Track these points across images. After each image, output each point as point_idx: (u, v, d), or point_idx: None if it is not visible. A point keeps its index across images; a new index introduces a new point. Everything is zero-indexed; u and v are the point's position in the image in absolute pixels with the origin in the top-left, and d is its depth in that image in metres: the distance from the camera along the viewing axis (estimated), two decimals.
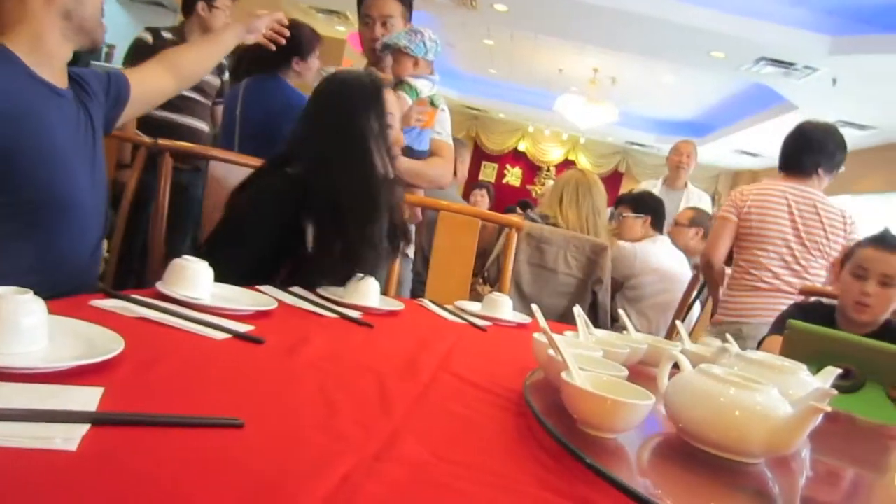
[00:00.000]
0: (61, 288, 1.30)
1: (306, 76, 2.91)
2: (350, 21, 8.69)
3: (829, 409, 0.78)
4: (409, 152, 2.31)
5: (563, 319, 2.72)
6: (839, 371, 1.16)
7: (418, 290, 2.49)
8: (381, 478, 0.64)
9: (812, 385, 0.99)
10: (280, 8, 8.28)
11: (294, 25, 2.93)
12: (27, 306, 0.76)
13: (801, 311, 2.02)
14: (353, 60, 7.01)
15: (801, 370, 1.05)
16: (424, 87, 2.35)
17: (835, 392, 0.85)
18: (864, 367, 1.47)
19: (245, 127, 2.83)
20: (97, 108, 1.48)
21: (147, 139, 2.50)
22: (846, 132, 8.53)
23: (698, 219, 3.77)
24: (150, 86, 1.61)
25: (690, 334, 2.88)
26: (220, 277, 1.26)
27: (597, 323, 2.81)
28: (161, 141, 1.88)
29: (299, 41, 2.81)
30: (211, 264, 1.24)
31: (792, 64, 6.40)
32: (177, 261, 1.20)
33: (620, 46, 7.55)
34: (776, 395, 0.84)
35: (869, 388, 1.44)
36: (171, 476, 0.57)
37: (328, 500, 0.57)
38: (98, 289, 1.32)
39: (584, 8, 6.35)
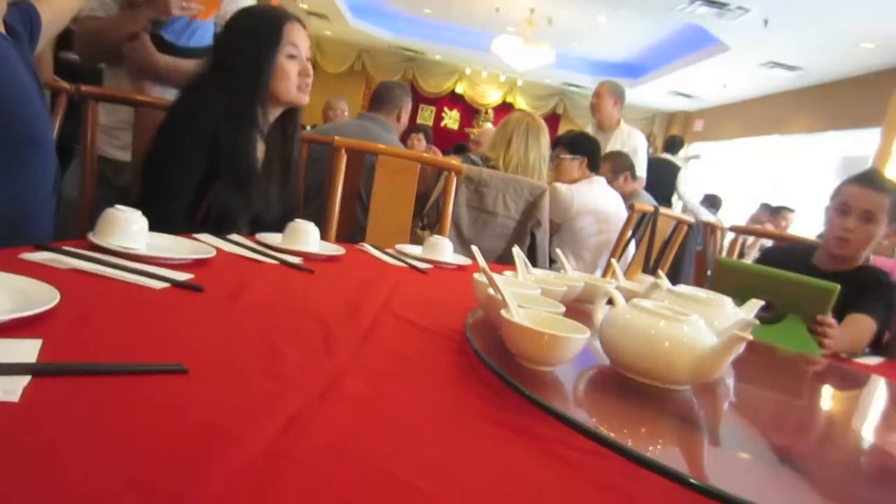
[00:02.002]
0: (24, 223, 1.40)
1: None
2: None
3: (750, 337, 0.83)
4: (173, 50, 2.08)
5: (502, 261, 2.76)
6: (762, 303, 1.23)
7: (358, 235, 2.49)
8: (326, 417, 0.65)
9: (736, 316, 1.04)
10: None
11: None
12: None
13: (780, 251, 2.12)
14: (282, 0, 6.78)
15: (727, 303, 1.10)
16: None
17: (756, 322, 0.90)
18: (785, 300, 1.55)
19: None
20: (26, 47, 1.47)
21: (67, 85, 2.38)
22: (776, 73, 8.73)
23: (617, 167, 3.86)
24: (56, 7, 1.56)
25: (626, 273, 2.98)
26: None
27: (535, 264, 2.86)
28: (84, 87, 1.79)
29: None
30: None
31: (725, 4, 6.49)
32: (109, 210, 1.17)
33: None
34: (702, 326, 0.88)
35: (789, 320, 1.53)
36: (116, 424, 0.57)
37: (275, 440, 0.58)
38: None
39: None
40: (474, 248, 1.12)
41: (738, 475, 0.72)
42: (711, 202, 7.56)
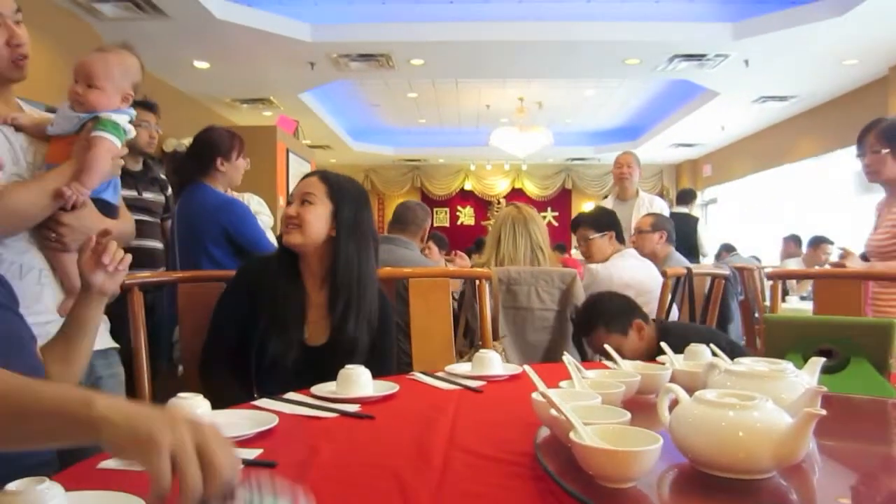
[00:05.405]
0: None
1: (233, 175, 2.95)
2: (274, 104, 8.80)
3: (823, 412, 0.82)
4: (109, 210, 1.78)
5: (550, 354, 2.75)
6: (823, 360, 1.22)
7: (403, 361, 2.50)
8: None
9: (801, 384, 1.03)
10: (205, 107, 8.24)
11: (209, 129, 3.00)
12: (46, 494, 0.76)
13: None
14: (286, 143, 7.07)
15: (788, 371, 1.09)
16: (125, 122, 1.73)
17: (824, 389, 0.90)
18: (843, 344, 1.52)
19: (179, 240, 2.90)
20: None
21: None
22: (770, 106, 8.79)
23: (659, 223, 3.85)
24: None
25: None
26: None
27: (583, 350, 2.84)
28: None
29: (217, 143, 2.89)
30: None
31: (703, 55, 6.65)
32: (173, 401, 1.21)
33: (537, 74, 7.77)
34: (772, 408, 0.88)
35: (854, 363, 1.49)
36: None
37: None
38: None
39: (494, 46, 6.57)
40: (527, 368, 1.13)
41: None
42: (728, 251, 7.46)
